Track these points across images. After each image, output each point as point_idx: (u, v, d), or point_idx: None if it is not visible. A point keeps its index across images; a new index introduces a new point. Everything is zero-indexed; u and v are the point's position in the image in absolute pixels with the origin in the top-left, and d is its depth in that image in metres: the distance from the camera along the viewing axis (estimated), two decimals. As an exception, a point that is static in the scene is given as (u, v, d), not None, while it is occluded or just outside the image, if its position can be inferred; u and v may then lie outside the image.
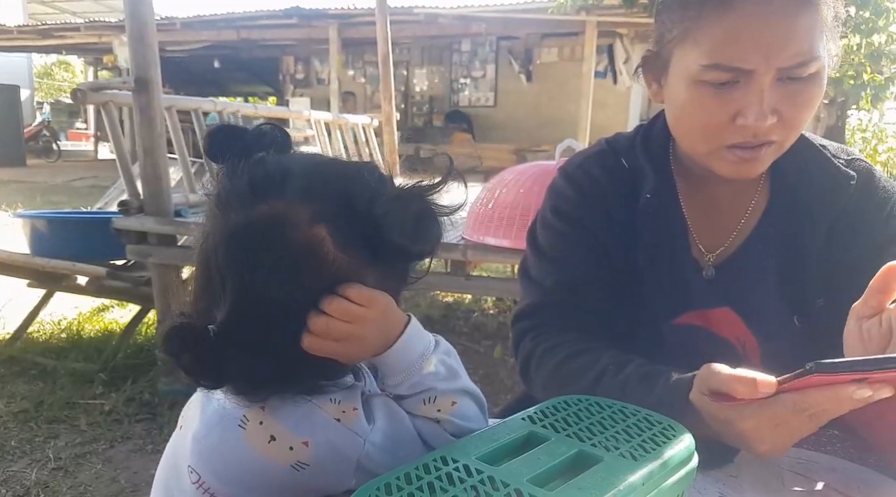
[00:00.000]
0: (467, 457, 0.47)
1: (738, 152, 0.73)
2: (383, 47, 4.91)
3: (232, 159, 0.59)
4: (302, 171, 0.58)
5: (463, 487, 0.43)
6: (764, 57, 0.67)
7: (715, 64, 0.69)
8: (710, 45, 0.69)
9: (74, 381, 2.57)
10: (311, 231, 0.54)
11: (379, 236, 0.56)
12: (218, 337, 0.54)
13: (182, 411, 0.66)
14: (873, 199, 0.82)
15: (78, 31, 11.29)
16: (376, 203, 0.56)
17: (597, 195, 0.87)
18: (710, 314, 0.84)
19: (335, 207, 0.56)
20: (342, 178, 0.58)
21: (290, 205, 0.55)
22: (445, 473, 0.45)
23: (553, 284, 0.87)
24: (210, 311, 0.55)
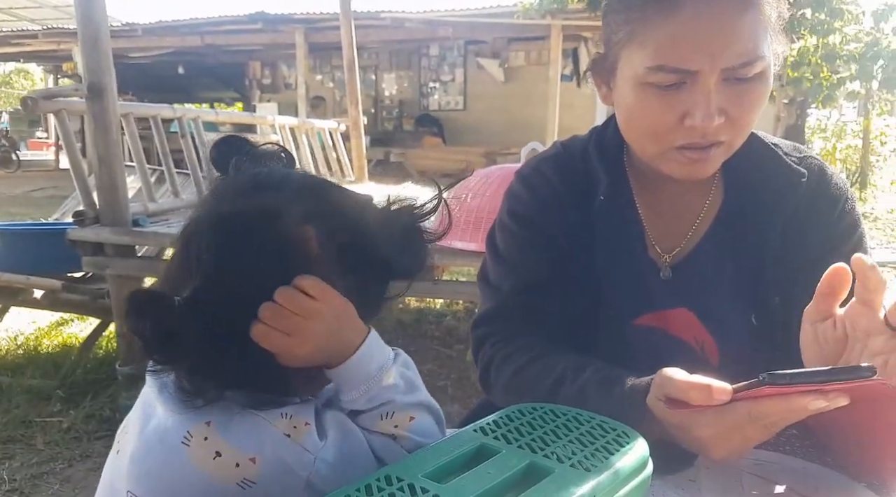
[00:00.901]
0: (413, 475, 0.45)
1: (688, 153, 0.73)
2: (348, 52, 4.88)
3: (237, 168, 0.62)
4: (301, 178, 0.63)
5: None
6: (708, 57, 0.67)
7: (660, 65, 0.69)
8: (655, 47, 0.69)
9: (31, 398, 2.47)
10: (299, 228, 0.56)
11: (364, 247, 0.58)
12: (182, 307, 0.52)
13: (117, 434, 0.63)
14: (825, 196, 0.82)
15: (36, 38, 10.99)
16: (367, 214, 0.59)
17: (552, 198, 0.86)
18: (669, 315, 0.84)
19: (327, 212, 0.58)
20: (339, 191, 0.62)
21: (285, 201, 0.57)
22: (388, 494, 0.43)
23: (511, 288, 0.86)
24: (179, 288, 0.54)
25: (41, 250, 2.72)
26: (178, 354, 0.54)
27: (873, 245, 5.36)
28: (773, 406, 0.54)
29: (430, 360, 3.02)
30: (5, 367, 2.81)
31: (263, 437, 0.54)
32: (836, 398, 0.53)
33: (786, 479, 0.68)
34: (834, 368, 0.52)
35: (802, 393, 0.53)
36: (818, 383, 0.52)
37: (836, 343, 0.62)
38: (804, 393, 0.53)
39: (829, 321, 0.63)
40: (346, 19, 5.00)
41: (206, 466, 0.53)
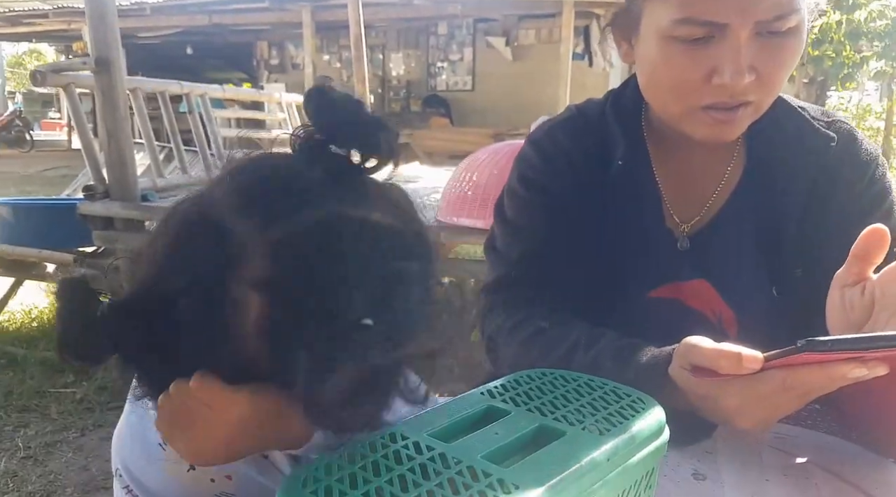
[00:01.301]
0: (418, 434, 0.44)
1: (714, 114, 0.69)
2: (355, 29, 4.82)
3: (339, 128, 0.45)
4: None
5: (410, 466, 0.39)
6: (740, 9, 0.63)
7: (687, 18, 0.65)
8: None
9: (45, 369, 2.51)
10: (249, 288, 0.41)
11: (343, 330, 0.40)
12: (107, 312, 0.44)
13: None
14: (854, 162, 0.78)
15: (46, 17, 10.95)
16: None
17: (565, 163, 0.83)
18: (685, 287, 0.81)
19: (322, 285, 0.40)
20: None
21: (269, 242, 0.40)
22: (393, 452, 0.41)
23: (519, 256, 0.83)
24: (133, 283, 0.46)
25: (53, 225, 2.74)
26: (92, 357, 0.46)
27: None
28: (811, 374, 0.52)
29: (437, 340, 3.01)
30: (20, 339, 2.86)
31: None
32: (876, 367, 0.50)
33: (807, 454, 0.66)
34: (877, 335, 0.49)
35: (841, 361, 0.50)
36: (860, 350, 0.49)
37: (862, 310, 0.59)
38: (843, 361, 0.50)
39: (857, 287, 0.60)
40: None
41: (181, 478, 0.51)
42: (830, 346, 0.49)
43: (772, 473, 0.62)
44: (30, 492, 1.80)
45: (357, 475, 0.38)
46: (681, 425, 0.61)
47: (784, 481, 0.61)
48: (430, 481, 0.37)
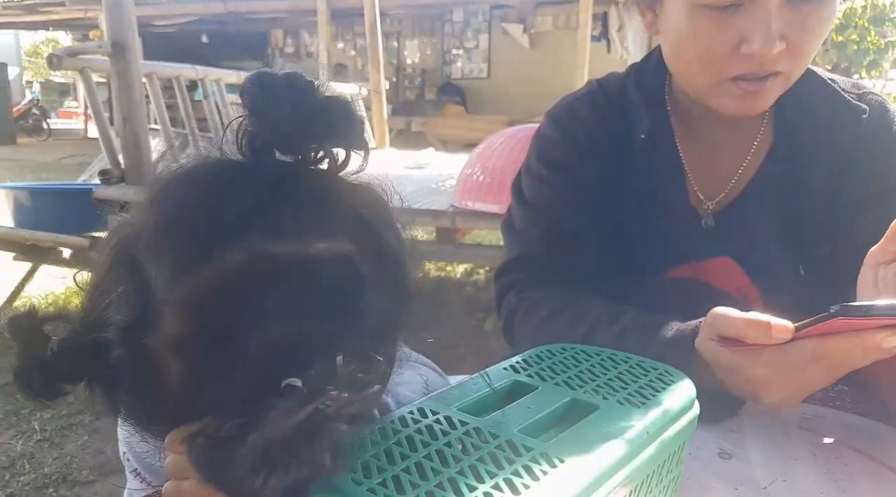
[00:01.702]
0: (448, 408, 0.42)
1: (743, 85, 0.67)
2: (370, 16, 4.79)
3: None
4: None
5: (447, 441, 0.38)
6: None
7: None
8: None
9: (61, 354, 2.54)
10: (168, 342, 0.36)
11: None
12: (60, 350, 0.39)
13: None
14: (886, 135, 0.76)
15: (63, 6, 11.02)
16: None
17: (585, 140, 0.81)
18: (709, 266, 0.79)
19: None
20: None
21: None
22: (426, 426, 0.40)
23: (538, 235, 0.82)
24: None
25: (69, 210, 2.76)
26: (47, 393, 0.40)
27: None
28: (842, 343, 0.50)
29: (449, 329, 3.00)
30: (36, 324, 2.89)
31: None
32: None
33: (836, 434, 0.64)
34: None
35: (875, 328, 0.48)
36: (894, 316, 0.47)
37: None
38: (877, 329, 0.48)
39: (892, 265, 0.58)
40: (369, -19, 4.89)
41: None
42: (865, 312, 0.47)
43: (800, 453, 0.61)
44: (45, 474, 1.82)
45: (393, 451, 0.37)
46: (707, 403, 0.60)
47: (813, 461, 0.59)
48: (470, 456, 0.36)
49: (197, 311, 0.33)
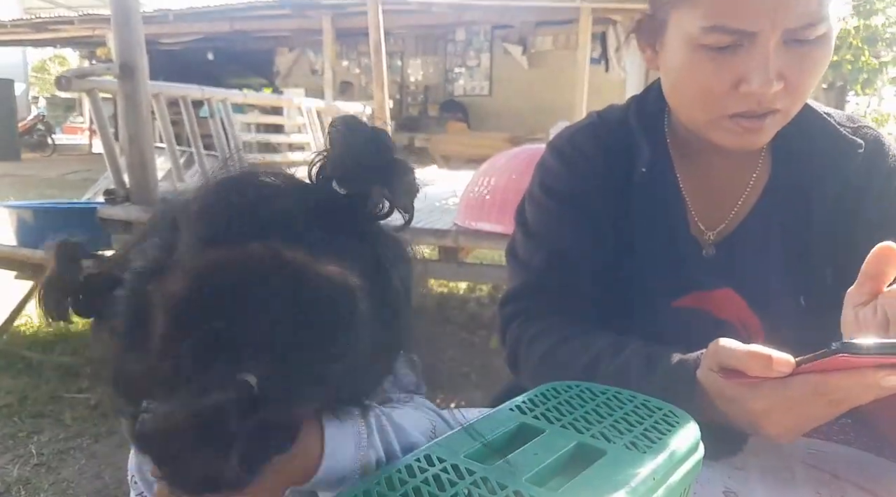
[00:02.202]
0: (455, 456, 0.42)
1: (742, 122, 0.68)
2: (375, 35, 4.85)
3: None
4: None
5: (454, 492, 0.38)
6: (769, 17, 0.62)
7: (716, 25, 0.64)
8: (710, 6, 0.64)
9: (60, 374, 2.52)
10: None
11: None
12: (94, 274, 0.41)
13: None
14: (882, 167, 0.77)
15: (72, 24, 11.18)
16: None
17: (587, 169, 0.82)
18: (711, 296, 0.79)
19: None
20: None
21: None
22: (433, 476, 0.40)
23: (541, 264, 0.82)
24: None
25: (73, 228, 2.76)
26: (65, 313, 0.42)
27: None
28: (844, 380, 0.50)
29: (452, 347, 2.99)
30: (36, 343, 2.88)
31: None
32: None
33: (841, 470, 0.63)
34: None
35: (874, 367, 0.48)
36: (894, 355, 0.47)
37: (877, 328, 0.57)
38: (876, 367, 0.48)
39: (870, 305, 0.58)
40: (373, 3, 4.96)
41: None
42: (866, 350, 0.47)
43: (805, 490, 0.60)
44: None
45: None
46: (710, 438, 0.60)
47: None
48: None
49: (199, 279, 0.36)
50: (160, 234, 0.41)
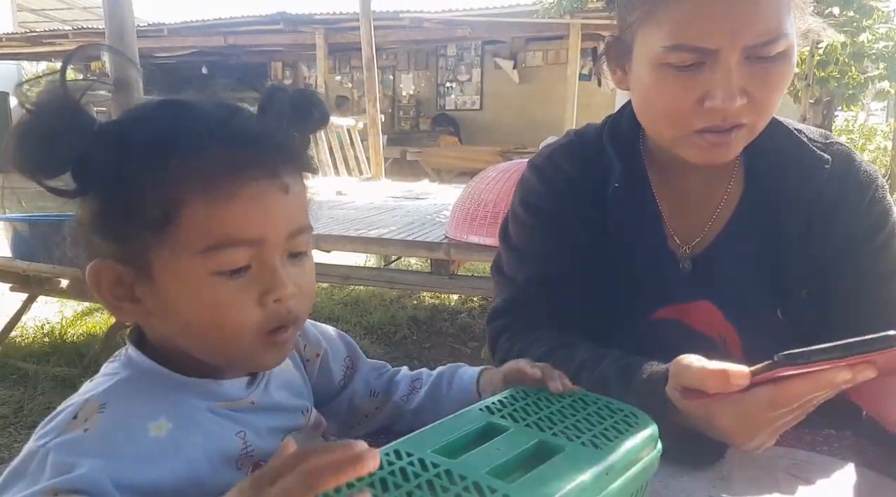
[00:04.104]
0: (422, 450, 0.45)
1: (708, 137, 0.71)
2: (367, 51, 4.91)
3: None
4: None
5: (417, 483, 0.41)
6: (729, 35, 0.65)
7: (678, 44, 0.67)
8: (672, 26, 0.67)
9: (55, 386, 2.53)
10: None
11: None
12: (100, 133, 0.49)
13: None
14: (853, 184, 0.79)
15: (66, 38, 11.21)
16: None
17: (566, 187, 0.85)
18: (689, 308, 0.82)
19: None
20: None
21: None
22: (399, 468, 0.43)
23: (525, 280, 0.85)
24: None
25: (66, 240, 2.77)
26: (50, 169, 0.50)
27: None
28: (797, 387, 0.52)
29: (444, 357, 3.02)
30: (32, 355, 2.88)
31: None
32: (863, 371, 0.50)
33: (823, 479, 0.65)
34: (852, 341, 0.49)
35: (823, 369, 0.51)
36: (836, 359, 0.50)
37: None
38: (825, 370, 0.51)
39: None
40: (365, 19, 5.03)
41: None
42: (807, 359, 0.50)
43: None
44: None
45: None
46: (691, 446, 0.62)
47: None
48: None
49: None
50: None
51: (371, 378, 0.75)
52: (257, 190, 0.51)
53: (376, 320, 3.46)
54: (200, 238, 0.50)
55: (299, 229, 0.54)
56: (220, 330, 0.52)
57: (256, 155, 0.51)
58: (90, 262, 0.52)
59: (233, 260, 0.51)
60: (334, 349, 0.72)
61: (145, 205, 0.49)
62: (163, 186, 0.49)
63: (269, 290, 0.52)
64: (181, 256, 0.50)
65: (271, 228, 0.52)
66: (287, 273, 0.53)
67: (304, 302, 0.56)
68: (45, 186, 0.50)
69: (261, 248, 0.52)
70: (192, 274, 0.50)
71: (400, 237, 2.80)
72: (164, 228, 0.49)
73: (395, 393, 0.74)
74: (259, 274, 0.52)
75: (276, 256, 0.53)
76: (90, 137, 0.49)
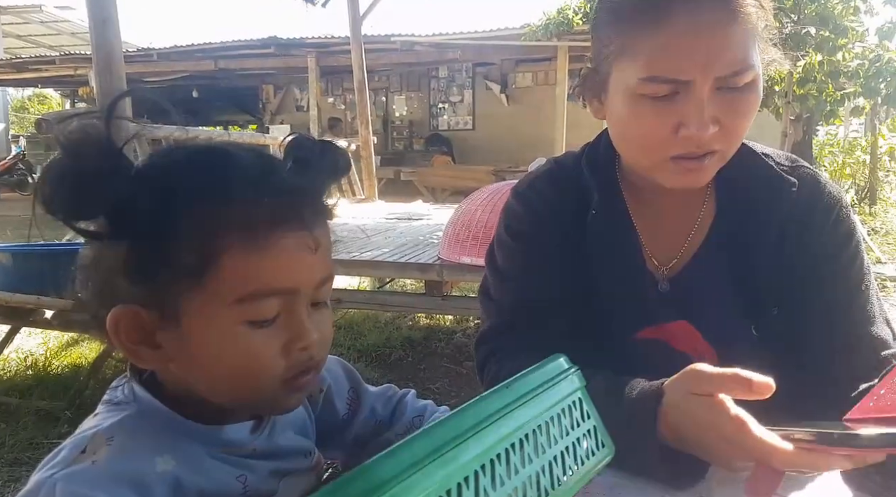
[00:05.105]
0: None
1: (683, 163, 0.73)
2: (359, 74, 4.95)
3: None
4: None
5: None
6: (701, 67, 0.68)
7: (653, 76, 0.69)
8: (648, 58, 0.69)
9: (39, 420, 2.46)
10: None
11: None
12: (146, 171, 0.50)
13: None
14: (820, 205, 0.82)
15: (53, 64, 11.27)
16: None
17: (547, 213, 0.87)
18: (668, 328, 0.83)
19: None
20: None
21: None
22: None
23: (512, 304, 0.86)
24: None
25: (52, 270, 2.73)
26: (80, 213, 0.48)
27: (884, 260, 5.26)
28: (811, 462, 0.53)
29: (440, 378, 2.99)
30: (14, 388, 2.81)
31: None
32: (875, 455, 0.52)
33: (800, 494, 0.65)
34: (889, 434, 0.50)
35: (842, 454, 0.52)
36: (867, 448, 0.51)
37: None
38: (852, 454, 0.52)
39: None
40: (356, 42, 5.08)
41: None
42: (868, 442, 0.50)
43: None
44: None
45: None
46: (672, 467, 0.63)
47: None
48: None
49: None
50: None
51: (378, 406, 0.74)
52: (293, 241, 0.52)
53: (371, 343, 3.43)
54: (236, 287, 0.50)
55: (326, 278, 0.56)
56: (246, 378, 0.53)
57: (292, 207, 0.52)
58: (112, 308, 0.51)
59: (266, 309, 0.51)
60: (338, 384, 0.72)
61: (182, 252, 0.49)
62: (203, 235, 0.49)
63: (296, 338, 0.53)
64: (214, 304, 0.50)
65: (303, 279, 0.53)
66: (311, 321, 0.55)
67: (324, 348, 0.57)
68: (76, 229, 0.49)
69: (294, 298, 0.53)
70: (224, 322, 0.50)
71: (393, 259, 2.78)
72: (202, 276, 0.49)
73: (394, 426, 0.74)
74: (287, 323, 0.53)
75: (304, 306, 0.54)
76: (131, 182, 0.49)
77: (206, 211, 0.49)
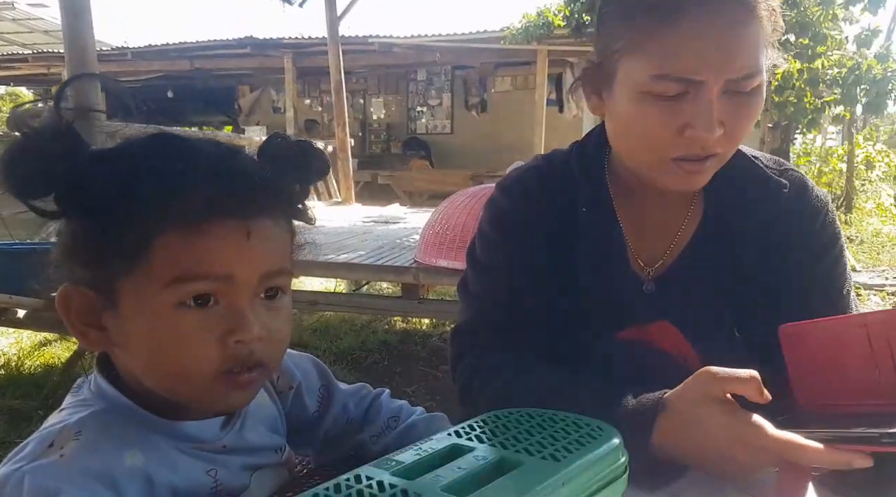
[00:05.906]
0: (381, 473, 0.45)
1: (684, 165, 0.73)
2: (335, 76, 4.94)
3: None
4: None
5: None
6: (714, 68, 0.67)
7: (665, 74, 0.68)
8: (660, 56, 0.68)
9: (11, 419, 2.42)
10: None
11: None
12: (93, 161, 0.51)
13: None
14: (807, 208, 0.82)
15: (26, 62, 11.02)
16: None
17: (533, 208, 0.86)
18: (651, 328, 0.83)
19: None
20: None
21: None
22: (357, 491, 0.42)
23: (491, 298, 0.85)
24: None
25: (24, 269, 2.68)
26: (37, 191, 0.50)
27: (859, 268, 5.35)
28: (832, 459, 0.55)
29: (415, 382, 2.99)
30: (-15, 388, 2.76)
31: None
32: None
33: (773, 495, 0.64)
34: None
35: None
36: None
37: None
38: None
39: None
40: (333, 43, 5.07)
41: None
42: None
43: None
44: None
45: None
46: (649, 468, 0.63)
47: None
48: None
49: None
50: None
51: (351, 404, 0.74)
52: (232, 228, 0.51)
53: (346, 346, 3.42)
54: (168, 270, 0.50)
55: (275, 272, 0.55)
56: (176, 363, 0.52)
57: (234, 194, 0.51)
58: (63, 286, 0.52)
59: (196, 292, 0.51)
60: (308, 381, 0.71)
61: (121, 233, 0.49)
62: (140, 217, 0.49)
63: (233, 330, 0.52)
64: (147, 287, 0.50)
65: (243, 268, 0.52)
66: (256, 315, 0.53)
67: (272, 346, 0.55)
68: (29, 205, 0.50)
69: (229, 285, 0.52)
70: (156, 305, 0.50)
71: (369, 262, 2.79)
72: (136, 258, 0.50)
73: (368, 428, 0.73)
74: (226, 312, 0.52)
75: (246, 297, 0.53)
76: (82, 163, 0.50)
77: (148, 192, 0.49)
